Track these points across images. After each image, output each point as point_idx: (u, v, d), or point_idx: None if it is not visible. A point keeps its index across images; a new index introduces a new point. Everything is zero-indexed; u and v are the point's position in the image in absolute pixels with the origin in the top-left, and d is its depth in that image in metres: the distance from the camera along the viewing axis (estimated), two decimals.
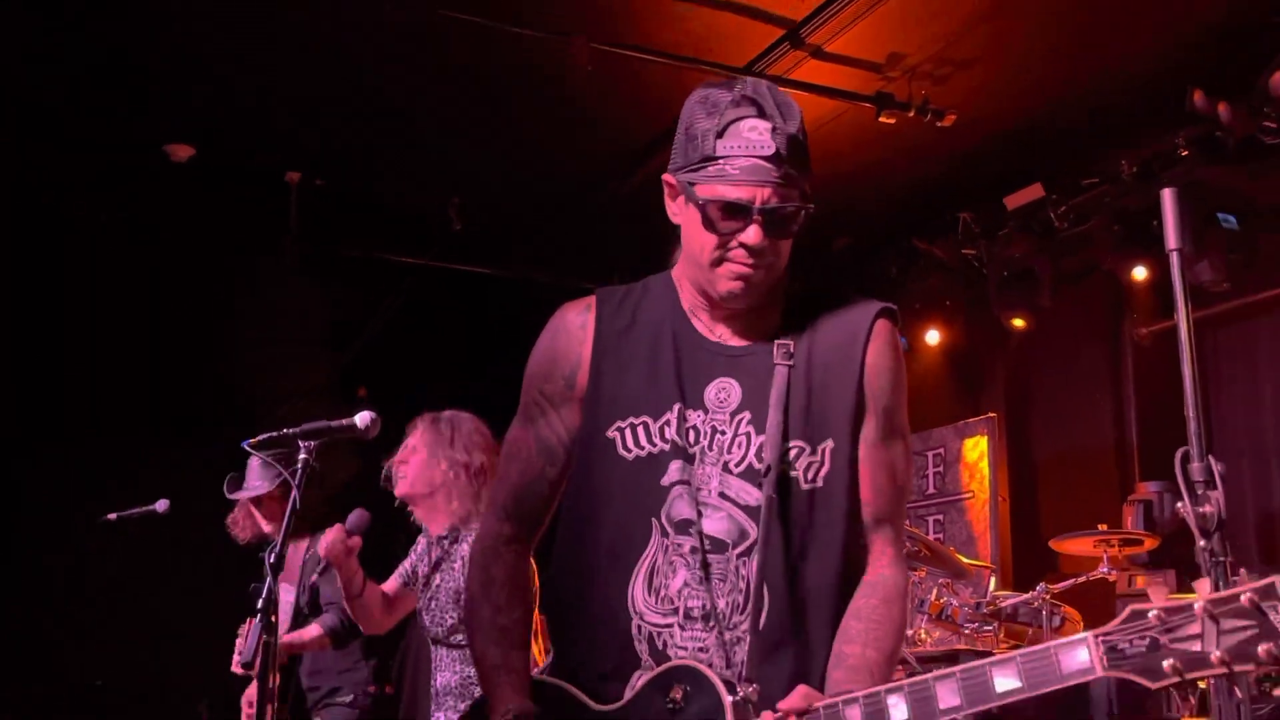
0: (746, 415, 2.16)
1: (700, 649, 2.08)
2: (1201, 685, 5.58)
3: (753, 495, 2.11)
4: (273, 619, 3.22)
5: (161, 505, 5.60)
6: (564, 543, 2.30)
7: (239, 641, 5.22)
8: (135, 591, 8.24)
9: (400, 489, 4.49)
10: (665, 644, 2.10)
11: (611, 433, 2.21)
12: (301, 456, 3.54)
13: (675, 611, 2.11)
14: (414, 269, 8.66)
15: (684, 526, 2.12)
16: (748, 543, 2.10)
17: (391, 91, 6.89)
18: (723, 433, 2.16)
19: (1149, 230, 6.77)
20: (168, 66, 6.59)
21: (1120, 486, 7.42)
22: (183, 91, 6.85)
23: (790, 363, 2.16)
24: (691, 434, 2.16)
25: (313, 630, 5.33)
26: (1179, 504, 2.29)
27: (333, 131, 7.33)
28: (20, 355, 8.29)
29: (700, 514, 2.12)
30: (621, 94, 6.69)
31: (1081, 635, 1.78)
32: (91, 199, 7.79)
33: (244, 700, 5.31)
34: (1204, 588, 1.73)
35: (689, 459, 2.15)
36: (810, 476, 2.14)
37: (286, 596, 5.62)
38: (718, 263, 2.13)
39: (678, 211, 2.21)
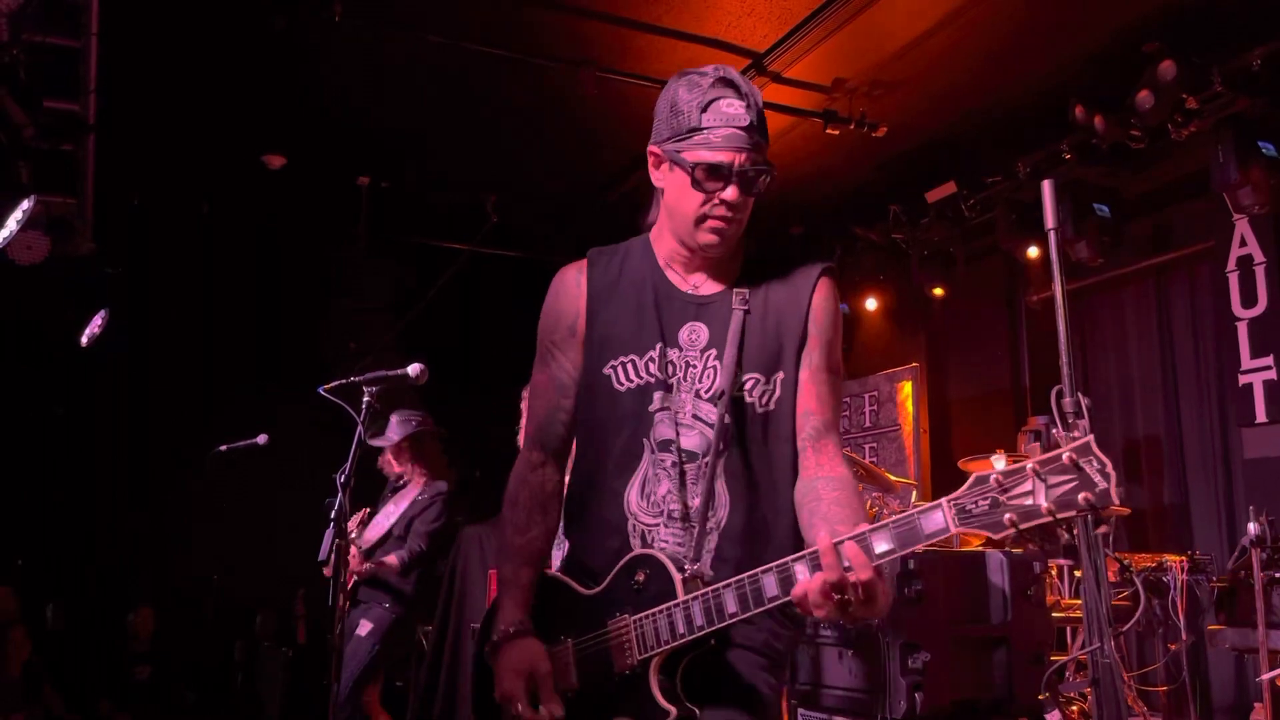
0: (713, 352, 2.11)
1: (678, 543, 2.04)
2: (1077, 574, 5.60)
3: (718, 417, 2.07)
4: (344, 526, 3.22)
5: (262, 439, 5.60)
6: (577, 460, 2.24)
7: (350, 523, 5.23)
8: (239, 505, 8.26)
9: None
10: (653, 539, 2.07)
11: (607, 370, 2.15)
12: (365, 399, 3.53)
13: (661, 514, 2.07)
14: (459, 253, 8.62)
15: (665, 445, 2.08)
16: (714, 453, 2.05)
17: (440, 112, 6.84)
18: (694, 366, 2.11)
19: (1039, 218, 6.70)
20: (264, 93, 6.55)
21: (1016, 419, 7.41)
22: (275, 113, 6.82)
23: (746, 308, 2.11)
24: (670, 367, 2.11)
25: (390, 560, 5.48)
26: (1054, 430, 2.28)
27: (394, 145, 7.29)
28: (148, 323, 8.30)
29: (678, 433, 2.08)
30: (621, 113, 6.63)
31: (936, 502, 1.74)
32: (204, 198, 7.78)
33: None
34: (1035, 451, 1.66)
35: (668, 389, 2.10)
36: (764, 402, 2.09)
37: (386, 519, 5.66)
38: (701, 218, 2.05)
39: (661, 177, 2.12)
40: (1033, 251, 7.11)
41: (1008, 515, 1.67)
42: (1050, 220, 2.42)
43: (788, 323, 2.12)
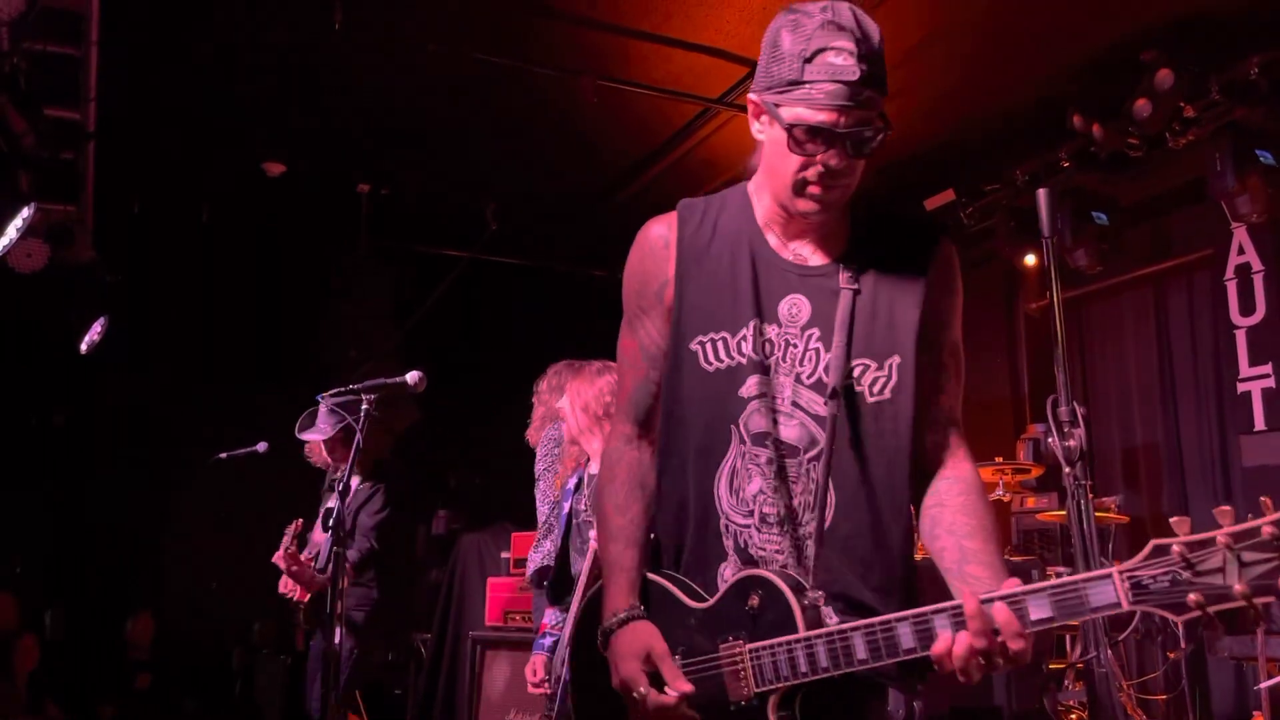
0: (815, 331, 1.88)
1: (777, 551, 1.85)
2: None
3: (822, 406, 1.85)
4: (341, 533, 3.23)
5: (261, 447, 5.61)
6: (661, 442, 2.02)
7: (285, 536, 5.13)
8: (239, 515, 8.26)
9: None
10: (746, 543, 1.87)
11: (694, 345, 1.93)
12: (363, 406, 3.54)
13: (752, 514, 1.87)
14: (459, 260, 8.62)
15: (761, 439, 1.86)
16: (818, 448, 1.84)
17: (440, 120, 6.84)
18: (794, 345, 1.88)
19: (1036, 226, 6.70)
20: (263, 101, 6.55)
21: (1015, 428, 7.39)
22: (275, 121, 6.83)
23: (855, 286, 1.88)
24: (767, 346, 1.89)
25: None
26: (1050, 439, 2.28)
27: (395, 152, 7.30)
28: (148, 329, 8.30)
29: (776, 423, 1.86)
30: (621, 120, 6.64)
31: (1107, 571, 1.52)
32: (203, 205, 7.79)
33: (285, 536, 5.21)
34: (1226, 518, 1.46)
35: (765, 371, 1.87)
36: (877, 390, 1.87)
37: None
38: (800, 183, 1.83)
39: (762, 129, 1.89)
40: (1031, 259, 7.11)
41: (1192, 595, 1.43)
42: (1046, 229, 2.43)
43: (903, 300, 1.90)
